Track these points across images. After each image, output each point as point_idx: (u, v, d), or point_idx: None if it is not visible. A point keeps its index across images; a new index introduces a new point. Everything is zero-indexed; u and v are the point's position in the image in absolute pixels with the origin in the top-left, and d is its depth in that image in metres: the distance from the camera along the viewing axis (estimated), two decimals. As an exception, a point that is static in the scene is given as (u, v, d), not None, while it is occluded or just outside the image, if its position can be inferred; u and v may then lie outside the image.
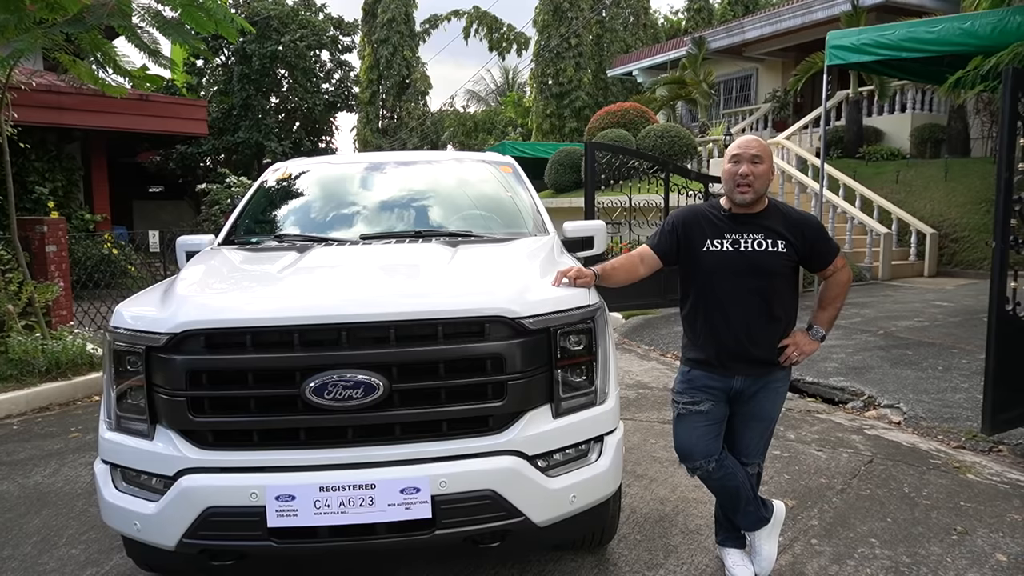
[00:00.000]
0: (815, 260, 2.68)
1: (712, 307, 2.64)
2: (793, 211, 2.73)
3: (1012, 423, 4.22)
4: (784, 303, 2.65)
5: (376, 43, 27.38)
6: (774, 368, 2.67)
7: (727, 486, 2.71)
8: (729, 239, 2.60)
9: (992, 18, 6.76)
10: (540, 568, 2.91)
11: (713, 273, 2.61)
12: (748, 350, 2.61)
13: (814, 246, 2.64)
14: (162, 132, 12.22)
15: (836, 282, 2.72)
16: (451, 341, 2.24)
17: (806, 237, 2.62)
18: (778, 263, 2.59)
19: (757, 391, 2.67)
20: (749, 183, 2.54)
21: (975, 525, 3.24)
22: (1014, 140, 3.92)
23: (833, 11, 15.34)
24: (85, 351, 6.42)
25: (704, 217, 2.68)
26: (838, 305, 2.74)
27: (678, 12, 31.73)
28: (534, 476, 2.29)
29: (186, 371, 2.20)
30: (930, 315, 8.25)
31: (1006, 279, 4.02)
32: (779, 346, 2.65)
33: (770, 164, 2.60)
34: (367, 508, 2.16)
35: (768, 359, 2.65)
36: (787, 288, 2.66)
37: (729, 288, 2.59)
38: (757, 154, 2.55)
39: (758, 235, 2.59)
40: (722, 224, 2.64)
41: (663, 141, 14.36)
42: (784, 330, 2.67)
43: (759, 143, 2.60)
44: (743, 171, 2.54)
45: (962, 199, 12.41)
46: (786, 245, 2.59)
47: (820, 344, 2.74)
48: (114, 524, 2.40)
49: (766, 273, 2.59)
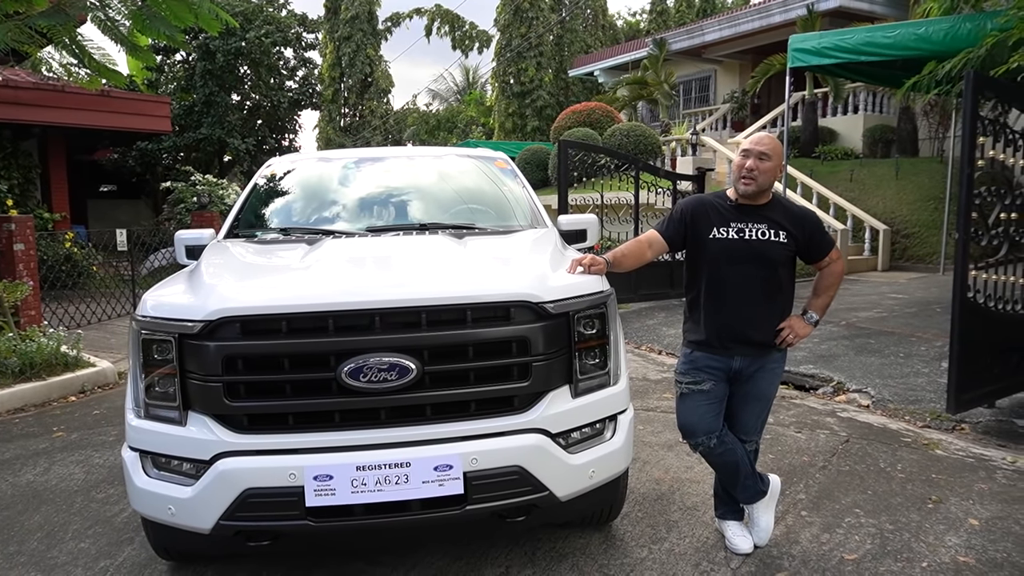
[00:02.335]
0: (812, 252, 2.88)
1: (715, 291, 2.81)
2: (795, 206, 2.94)
3: (973, 402, 4.52)
4: (782, 290, 2.85)
5: (339, 40, 27.13)
6: (771, 350, 2.86)
7: (727, 461, 2.88)
8: (735, 228, 2.78)
9: (945, 24, 7.16)
10: (551, 546, 3.04)
11: (718, 259, 2.79)
12: (747, 332, 2.79)
13: (812, 239, 2.85)
14: (124, 129, 11.94)
15: (830, 272, 2.93)
16: (479, 325, 2.35)
17: (805, 230, 2.83)
18: (779, 252, 2.78)
19: (755, 371, 2.85)
20: (753, 177, 2.73)
21: (947, 495, 3.49)
22: (975, 138, 4.20)
23: (790, 15, 15.87)
24: (60, 351, 6.30)
25: (712, 206, 2.85)
26: (832, 293, 2.94)
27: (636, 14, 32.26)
28: (557, 453, 2.42)
29: (222, 357, 2.26)
30: (887, 306, 8.66)
31: (968, 268, 4.29)
32: (776, 329, 2.84)
33: (777, 162, 2.77)
34: (402, 486, 2.26)
35: (766, 341, 2.83)
36: (786, 276, 2.86)
37: (732, 273, 2.77)
38: (765, 151, 2.73)
39: (761, 225, 2.78)
40: (728, 214, 2.81)
41: (628, 140, 14.65)
42: (781, 315, 2.86)
43: (771, 141, 2.77)
44: (749, 165, 2.72)
45: (912, 197, 12.99)
46: (787, 236, 2.78)
47: (813, 328, 2.93)
48: (145, 510, 2.44)
49: (768, 261, 2.77)
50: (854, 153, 15.44)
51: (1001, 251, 4.62)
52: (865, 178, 13.87)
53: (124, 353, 7.57)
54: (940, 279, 10.64)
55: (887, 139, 15.29)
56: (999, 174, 4.62)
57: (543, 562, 2.91)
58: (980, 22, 6.74)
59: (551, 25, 26.34)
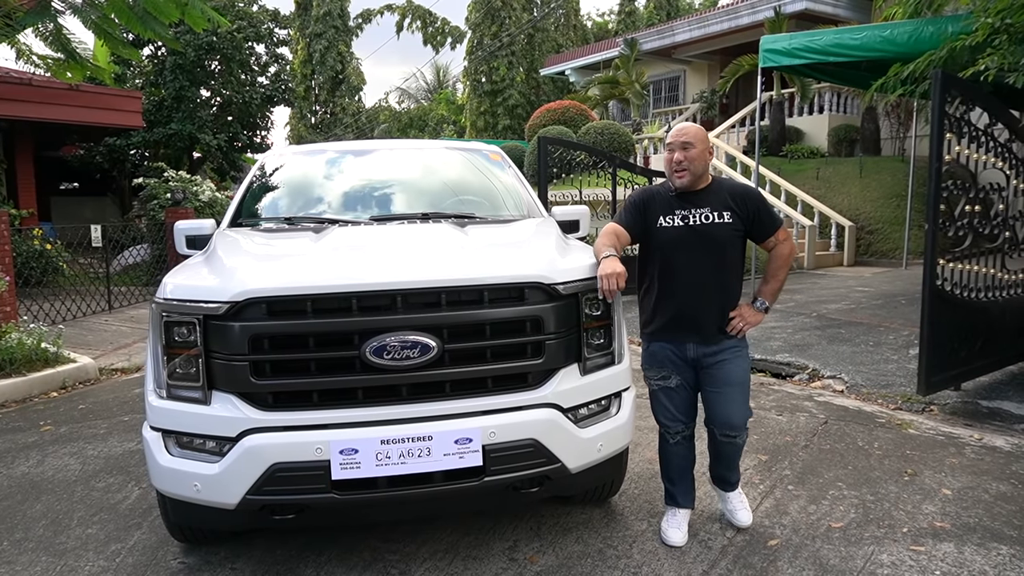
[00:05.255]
0: (758, 229, 2.88)
1: (664, 279, 2.86)
2: (737, 184, 2.99)
3: (941, 385, 4.78)
4: (731, 276, 2.88)
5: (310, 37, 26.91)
6: (723, 336, 2.85)
7: (689, 453, 3.01)
8: (679, 215, 2.82)
9: (909, 27, 7.47)
10: (555, 521, 3.17)
11: (665, 246, 2.84)
12: (697, 319, 2.82)
13: (757, 215, 2.85)
14: (95, 124, 11.72)
15: (778, 254, 2.91)
16: (496, 305, 2.47)
17: (748, 207, 2.84)
18: (726, 233, 2.81)
19: (715, 358, 2.84)
20: (684, 168, 2.78)
21: (921, 468, 3.71)
22: (943, 134, 4.44)
23: (757, 17, 16.27)
24: (40, 347, 6.23)
25: (659, 196, 2.92)
26: (781, 277, 2.92)
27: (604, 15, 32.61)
28: (568, 427, 2.55)
29: (248, 337, 2.33)
30: (855, 299, 8.99)
31: (936, 257, 4.53)
32: (728, 317, 2.84)
33: (704, 146, 2.80)
34: (424, 458, 2.36)
35: (717, 326, 2.83)
36: (735, 261, 2.89)
37: (681, 260, 2.82)
38: (687, 141, 2.77)
39: (704, 209, 2.82)
40: (673, 202, 2.86)
41: (603, 138, 14.87)
42: (732, 301, 2.87)
43: (692, 129, 2.82)
44: (676, 157, 2.79)
45: (875, 194, 13.45)
46: (731, 215, 2.81)
47: (764, 315, 2.91)
48: (169, 487, 2.50)
49: (715, 244, 2.80)
50: (820, 152, 15.90)
51: (966, 242, 4.88)
52: (831, 176, 14.30)
53: (103, 349, 7.50)
54: (903, 273, 11.06)
55: (851, 138, 15.78)
56: (963, 169, 4.88)
57: (549, 536, 3.04)
58: (941, 26, 7.06)
59: (523, 25, 26.51)
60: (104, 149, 15.87)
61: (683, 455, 3.03)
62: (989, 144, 4.92)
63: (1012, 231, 5.23)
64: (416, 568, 2.79)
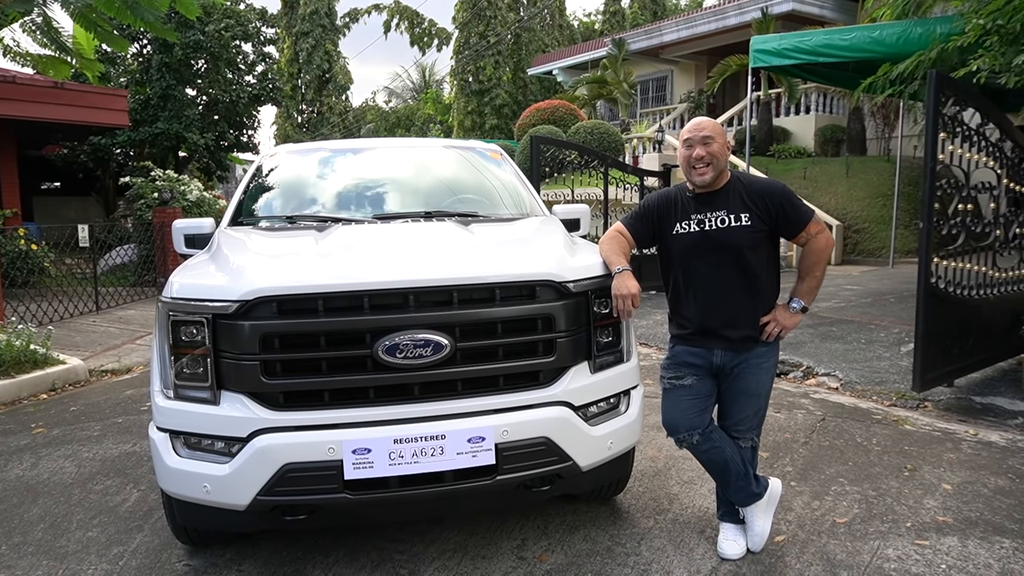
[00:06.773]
0: (785, 227, 2.64)
1: (687, 286, 2.71)
2: (758, 180, 2.73)
3: (936, 381, 4.83)
4: (761, 277, 2.65)
5: (297, 36, 26.75)
6: (753, 343, 2.67)
7: (714, 459, 2.74)
8: (695, 220, 2.65)
9: (897, 28, 7.56)
10: (561, 520, 3.17)
11: (683, 254, 2.68)
12: (724, 326, 2.64)
13: (781, 212, 2.61)
14: (80, 122, 11.54)
15: (811, 249, 2.66)
16: (507, 303, 2.46)
17: (769, 205, 2.61)
18: (743, 237, 2.59)
19: (738, 366, 2.68)
20: (707, 163, 2.59)
21: (920, 464, 3.75)
22: (937, 133, 4.49)
23: (744, 17, 16.40)
24: (29, 349, 6.13)
25: (675, 200, 2.74)
26: (817, 274, 2.68)
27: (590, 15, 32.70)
28: (580, 425, 2.55)
29: (259, 336, 2.31)
30: (845, 297, 9.07)
31: (931, 255, 4.58)
32: (760, 322, 2.66)
33: (723, 140, 2.63)
34: (437, 457, 2.35)
35: (745, 334, 2.65)
36: (763, 262, 2.66)
37: (700, 267, 2.65)
38: (708, 135, 2.59)
39: (720, 212, 2.62)
40: (688, 206, 2.69)
41: (593, 137, 14.90)
42: (762, 304, 2.67)
43: (709, 124, 2.64)
44: (697, 154, 2.59)
45: (862, 194, 13.59)
46: (750, 217, 2.59)
47: (801, 316, 2.71)
48: (177, 489, 2.46)
49: (733, 249, 2.60)
50: (807, 152, 16.04)
51: (959, 240, 4.94)
52: (818, 176, 14.43)
53: (93, 351, 7.40)
54: (891, 272, 11.18)
55: (838, 139, 15.94)
56: (956, 168, 4.94)
57: (556, 534, 3.03)
58: (930, 27, 7.15)
59: (510, 25, 26.52)
60: (89, 148, 15.68)
61: (706, 460, 2.79)
62: (981, 144, 4.99)
63: (1003, 229, 5.31)
64: (425, 568, 2.78)
